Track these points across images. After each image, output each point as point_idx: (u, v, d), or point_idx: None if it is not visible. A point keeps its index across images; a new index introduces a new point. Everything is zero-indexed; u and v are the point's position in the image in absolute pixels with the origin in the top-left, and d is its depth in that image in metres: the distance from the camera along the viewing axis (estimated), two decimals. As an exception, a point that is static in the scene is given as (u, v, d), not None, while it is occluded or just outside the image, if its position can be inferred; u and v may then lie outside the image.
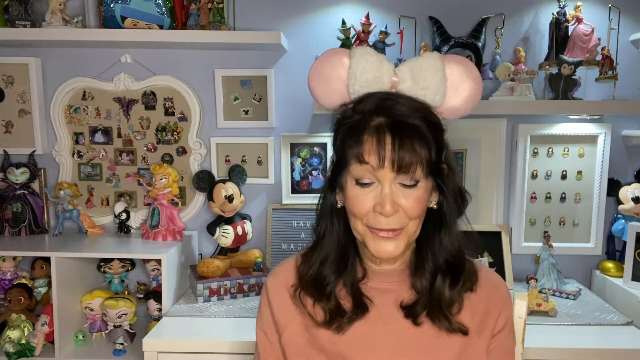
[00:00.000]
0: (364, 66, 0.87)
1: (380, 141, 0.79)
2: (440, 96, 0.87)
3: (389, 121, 0.80)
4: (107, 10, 1.77)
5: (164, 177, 1.83)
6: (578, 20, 1.76)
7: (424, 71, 0.87)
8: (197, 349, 1.44)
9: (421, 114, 0.82)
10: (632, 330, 1.51)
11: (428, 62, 0.88)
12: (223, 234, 1.80)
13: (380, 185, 0.80)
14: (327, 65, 0.90)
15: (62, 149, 1.95)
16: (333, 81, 0.89)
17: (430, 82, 0.87)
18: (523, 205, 1.91)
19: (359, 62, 0.87)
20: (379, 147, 0.78)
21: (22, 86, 1.92)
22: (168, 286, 1.68)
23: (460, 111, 0.91)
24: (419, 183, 0.81)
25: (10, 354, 1.63)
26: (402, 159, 0.78)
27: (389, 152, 0.78)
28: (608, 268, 1.85)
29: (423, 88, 0.87)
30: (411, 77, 0.87)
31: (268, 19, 1.89)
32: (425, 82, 0.86)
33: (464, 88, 0.90)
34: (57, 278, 1.64)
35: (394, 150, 0.78)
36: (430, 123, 0.82)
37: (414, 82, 0.87)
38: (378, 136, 0.79)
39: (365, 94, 0.87)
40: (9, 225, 1.88)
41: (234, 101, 1.93)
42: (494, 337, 0.90)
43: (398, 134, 0.79)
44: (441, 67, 0.88)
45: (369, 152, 0.79)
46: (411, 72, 0.88)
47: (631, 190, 1.84)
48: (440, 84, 0.87)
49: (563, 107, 1.72)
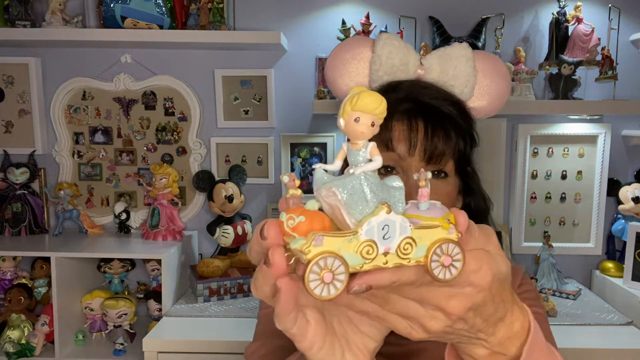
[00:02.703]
0: (390, 50, 0.79)
1: (412, 127, 0.71)
2: (470, 89, 0.80)
3: (421, 107, 0.73)
4: (107, 10, 1.77)
5: (164, 177, 1.83)
6: (578, 20, 1.76)
7: (453, 60, 0.80)
8: (197, 349, 1.44)
9: (454, 102, 0.76)
10: (632, 330, 1.51)
11: (458, 51, 0.80)
12: (223, 234, 1.79)
13: (406, 176, 0.72)
14: (347, 52, 0.82)
15: (62, 149, 1.95)
16: (353, 68, 0.81)
17: (461, 72, 0.79)
18: (523, 205, 1.91)
19: (385, 45, 0.79)
20: (410, 133, 0.71)
21: (22, 86, 1.92)
22: (168, 286, 1.68)
23: (486, 110, 0.83)
24: (449, 178, 0.74)
25: (10, 354, 1.63)
26: (434, 147, 0.71)
27: (421, 139, 0.71)
28: (608, 268, 1.85)
29: (452, 78, 0.79)
30: (439, 66, 0.80)
31: (268, 19, 1.89)
32: (456, 71, 0.79)
33: (492, 85, 0.82)
34: (57, 278, 1.64)
35: (426, 137, 0.71)
36: (464, 113, 0.77)
37: (442, 72, 0.80)
38: (409, 122, 0.72)
39: (388, 83, 0.79)
40: (9, 225, 1.88)
41: (234, 101, 1.93)
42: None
43: (431, 120, 0.72)
44: (472, 57, 0.80)
45: (399, 138, 0.72)
46: (439, 60, 0.80)
47: (631, 190, 1.83)
48: (471, 75, 0.80)
49: (563, 107, 1.72)
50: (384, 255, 0.38)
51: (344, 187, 0.39)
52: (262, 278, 0.41)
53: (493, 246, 0.45)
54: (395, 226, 0.38)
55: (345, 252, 0.37)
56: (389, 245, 0.38)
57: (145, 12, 1.78)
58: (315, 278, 0.36)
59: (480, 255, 0.42)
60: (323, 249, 0.36)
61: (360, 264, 0.38)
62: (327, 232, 0.37)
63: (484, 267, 0.42)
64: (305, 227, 0.37)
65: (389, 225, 0.38)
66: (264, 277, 0.40)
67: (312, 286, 0.36)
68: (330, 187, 0.39)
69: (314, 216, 0.38)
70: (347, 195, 0.38)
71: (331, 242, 0.37)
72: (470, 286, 0.42)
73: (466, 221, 0.43)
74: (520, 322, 0.47)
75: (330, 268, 0.37)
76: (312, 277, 0.36)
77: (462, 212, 0.43)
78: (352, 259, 0.37)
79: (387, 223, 0.38)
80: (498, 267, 0.43)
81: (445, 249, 0.39)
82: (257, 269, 0.41)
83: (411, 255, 0.39)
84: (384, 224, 0.38)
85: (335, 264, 0.37)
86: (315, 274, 0.36)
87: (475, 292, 0.42)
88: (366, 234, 0.38)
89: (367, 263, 0.38)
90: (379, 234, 0.38)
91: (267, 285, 0.41)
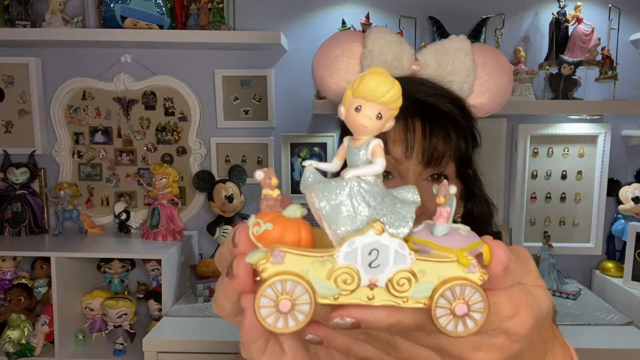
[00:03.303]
0: (383, 45, 0.73)
1: (409, 127, 0.65)
2: (469, 85, 0.74)
3: (418, 105, 0.67)
4: (107, 10, 1.77)
5: (164, 177, 1.83)
6: (578, 20, 1.76)
7: (451, 54, 0.74)
8: (197, 349, 1.44)
9: (453, 99, 0.71)
10: (632, 330, 1.51)
11: (456, 45, 0.74)
12: (223, 234, 1.80)
13: (403, 181, 0.66)
14: (336, 48, 0.75)
15: (62, 149, 1.95)
16: (343, 65, 0.75)
17: (459, 66, 0.73)
18: (523, 205, 1.91)
19: (377, 40, 0.73)
20: (406, 133, 0.65)
21: (22, 86, 1.92)
22: (168, 286, 1.68)
23: (487, 107, 0.76)
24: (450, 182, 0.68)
25: (10, 354, 1.63)
26: (433, 148, 0.65)
27: (419, 140, 0.65)
28: (608, 268, 1.85)
29: (450, 73, 0.73)
30: (436, 61, 0.74)
31: (268, 19, 1.89)
32: (454, 66, 0.73)
33: (492, 80, 0.75)
34: (57, 278, 1.64)
35: (424, 137, 0.65)
36: (464, 111, 0.71)
37: (439, 67, 0.74)
38: (405, 121, 0.65)
39: None
40: (9, 225, 1.88)
41: (234, 101, 1.93)
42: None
43: (429, 119, 0.66)
44: (471, 50, 0.74)
45: (394, 139, 0.65)
46: (436, 54, 0.75)
47: (631, 190, 1.83)
48: (471, 69, 0.73)
49: (563, 107, 1.72)
50: (369, 288, 0.30)
51: (325, 193, 0.31)
52: (223, 292, 0.33)
53: (533, 277, 0.36)
54: (388, 252, 0.29)
55: (314, 277, 0.29)
56: (377, 277, 0.29)
57: (145, 12, 1.78)
58: (268, 304, 0.29)
59: (517, 296, 0.33)
60: (283, 268, 0.29)
61: (334, 294, 0.29)
62: (294, 248, 0.29)
63: (523, 312, 0.32)
64: (272, 236, 0.29)
65: (378, 251, 0.29)
66: (224, 291, 0.33)
67: (263, 313, 0.29)
68: (311, 191, 0.31)
69: (288, 225, 0.30)
70: (327, 203, 0.30)
71: (296, 260, 0.29)
72: (505, 335, 0.32)
73: (506, 259, 0.32)
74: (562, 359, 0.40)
75: (289, 294, 0.29)
76: (264, 302, 0.29)
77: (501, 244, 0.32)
78: (322, 287, 0.29)
79: (377, 247, 0.29)
80: (540, 308, 0.34)
81: (459, 292, 0.30)
82: (219, 280, 0.34)
83: (408, 293, 0.30)
84: (371, 248, 0.29)
85: (298, 290, 0.29)
86: (269, 299, 0.29)
87: (511, 343, 0.33)
88: (345, 258, 0.29)
89: (343, 295, 0.29)
90: (363, 260, 0.29)
91: (228, 301, 0.33)
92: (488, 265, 0.31)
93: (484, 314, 0.30)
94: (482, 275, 0.30)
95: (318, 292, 0.29)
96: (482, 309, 0.30)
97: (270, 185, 0.31)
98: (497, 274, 0.32)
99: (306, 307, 0.29)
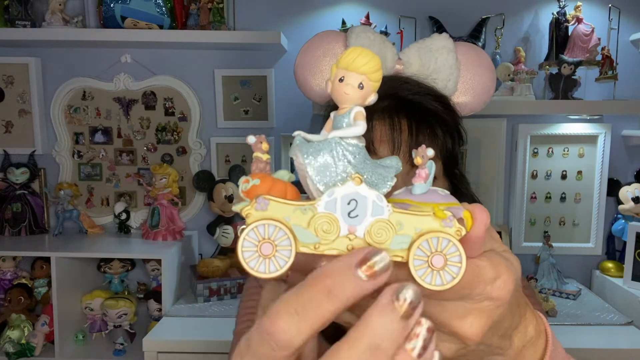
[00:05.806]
0: (364, 44, 0.72)
1: (395, 126, 0.65)
2: (453, 83, 0.74)
3: (403, 104, 0.67)
4: (107, 10, 1.77)
5: (164, 177, 1.83)
6: (578, 20, 1.76)
7: (434, 52, 0.74)
8: (197, 349, 1.44)
9: (438, 97, 0.70)
10: (632, 330, 1.51)
11: (438, 43, 0.74)
12: (223, 234, 1.80)
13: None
14: (318, 48, 0.75)
15: (62, 149, 1.95)
16: (326, 66, 0.75)
17: (443, 65, 0.73)
18: (523, 205, 1.91)
19: (359, 39, 0.73)
20: (392, 132, 0.65)
21: (22, 86, 1.92)
22: (168, 286, 1.68)
23: (471, 105, 0.77)
24: (437, 181, 0.68)
25: (10, 354, 1.63)
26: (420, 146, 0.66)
27: (405, 139, 0.65)
28: (608, 268, 1.85)
29: (434, 71, 0.73)
30: (419, 59, 0.74)
31: (268, 19, 1.89)
32: (437, 64, 0.73)
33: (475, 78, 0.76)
34: (57, 278, 1.64)
35: (411, 136, 0.65)
36: (449, 108, 0.71)
37: (423, 66, 0.74)
38: (391, 120, 0.65)
39: None
40: (9, 225, 1.88)
41: (234, 101, 1.93)
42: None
43: (415, 117, 0.66)
44: (454, 49, 0.74)
45: (381, 139, 0.65)
46: (419, 53, 0.74)
47: (631, 190, 1.83)
48: (454, 67, 0.74)
49: (563, 107, 1.72)
50: (347, 238, 0.31)
51: (309, 150, 0.32)
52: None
53: (498, 243, 0.37)
54: (366, 203, 0.31)
55: (295, 225, 0.30)
56: (356, 227, 0.30)
57: (145, 12, 1.78)
58: (250, 247, 0.30)
59: (497, 260, 0.33)
60: (266, 214, 0.30)
61: (314, 242, 0.30)
62: (277, 198, 0.30)
63: (504, 275, 0.33)
64: (259, 191, 0.31)
65: (357, 201, 0.31)
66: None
67: (246, 256, 0.30)
68: (297, 151, 0.32)
69: (275, 183, 0.31)
70: (311, 160, 0.32)
71: (278, 208, 0.30)
72: (489, 300, 0.33)
73: (488, 218, 0.32)
74: (534, 326, 0.40)
75: (270, 239, 0.30)
76: (247, 245, 0.30)
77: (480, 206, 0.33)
78: (303, 234, 0.30)
79: (355, 197, 0.31)
80: (516, 270, 0.35)
81: (436, 244, 0.30)
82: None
83: (387, 244, 0.30)
84: (350, 198, 0.31)
85: (279, 235, 0.30)
86: (252, 242, 0.30)
87: (495, 307, 0.33)
88: (326, 207, 0.30)
89: (323, 244, 0.30)
90: (342, 209, 0.30)
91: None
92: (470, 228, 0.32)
93: (461, 267, 0.30)
94: (459, 230, 0.31)
95: (299, 240, 0.30)
96: (458, 262, 0.30)
97: (261, 149, 0.33)
98: (480, 234, 0.32)
99: (287, 252, 0.30)
